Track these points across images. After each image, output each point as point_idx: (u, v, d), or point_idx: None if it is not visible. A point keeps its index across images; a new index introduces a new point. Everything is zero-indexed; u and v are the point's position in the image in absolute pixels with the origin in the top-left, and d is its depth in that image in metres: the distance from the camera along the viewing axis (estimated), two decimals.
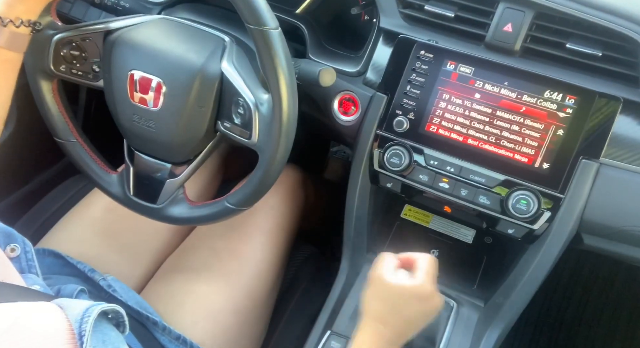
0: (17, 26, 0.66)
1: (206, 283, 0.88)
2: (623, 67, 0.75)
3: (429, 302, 0.69)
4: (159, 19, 0.78)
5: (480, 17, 0.80)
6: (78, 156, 0.85)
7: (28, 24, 0.68)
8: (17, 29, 0.67)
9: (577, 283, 1.51)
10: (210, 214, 0.78)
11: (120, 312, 0.57)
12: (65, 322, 0.51)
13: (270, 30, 0.64)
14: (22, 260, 0.72)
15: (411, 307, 0.68)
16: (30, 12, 0.68)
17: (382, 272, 0.70)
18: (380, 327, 0.68)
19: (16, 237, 0.73)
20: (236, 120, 0.73)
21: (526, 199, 0.77)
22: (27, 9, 0.68)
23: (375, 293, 0.70)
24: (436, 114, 0.81)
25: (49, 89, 0.81)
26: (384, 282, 0.69)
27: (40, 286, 0.68)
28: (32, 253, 0.73)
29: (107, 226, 0.94)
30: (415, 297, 0.68)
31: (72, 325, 0.50)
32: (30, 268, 0.72)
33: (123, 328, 0.59)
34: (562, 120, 0.76)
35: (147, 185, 0.81)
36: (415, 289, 0.68)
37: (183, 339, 0.80)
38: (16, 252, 0.71)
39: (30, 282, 0.68)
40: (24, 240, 0.73)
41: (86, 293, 0.76)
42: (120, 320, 0.58)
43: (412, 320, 0.69)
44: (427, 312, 0.70)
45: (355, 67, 0.88)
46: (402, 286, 0.68)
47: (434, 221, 1.01)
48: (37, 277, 0.72)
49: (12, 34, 0.67)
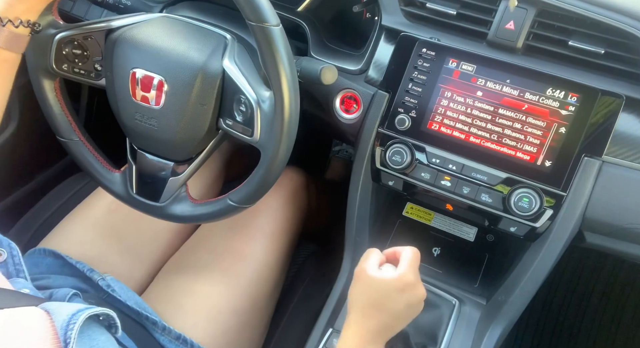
0: (16, 26, 0.66)
1: (207, 284, 0.88)
2: (626, 65, 0.75)
3: (411, 292, 0.68)
4: (161, 17, 0.78)
5: (483, 15, 0.80)
6: (81, 155, 0.85)
7: (27, 25, 0.67)
8: (16, 29, 0.66)
9: (579, 282, 1.51)
10: (213, 212, 0.78)
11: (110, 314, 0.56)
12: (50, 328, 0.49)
13: (271, 27, 0.64)
14: (9, 265, 0.71)
15: (394, 299, 0.68)
16: (29, 12, 0.68)
17: (365, 266, 0.70)
18: (365, 321, 0.68)
19: (2, 241, 0.72)
20: (238, 118, 0.73)
21: (528, 197, 0.77)
22: (26, 9, 0.67)
23: (359, 288, 0.70)
24: (438, 111, 0.81)
25: (51, 88, 0.81)
26: (367, 276, 0.69)
27: (29, 290, 0.67)
28: (19, 258, 0.72)
29: (109, 227, 0.94)
30: (397, 288, 0.68)
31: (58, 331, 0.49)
32: (19, 272, 0.72)
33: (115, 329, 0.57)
34: (564, 118, 0.76)
35: (150, 184, 0.81)
36: (396, 281, 0.67)
37: (183, 339, 0.80)
38: (2, 256, 0.71)
39: (20, 286, 0.67)
40: (10, 244, 0.73)
41: (80, 296, 0.76)
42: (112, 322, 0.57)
43: (397, 312, 0.68)
44: (410, 302, 0.69)
45: (357, 65, 0.88)
46: (383, 279, 0.68)
47: (435, 219, 1.01)
48: (26, 280, 0.71)
49: (11, 34, 0.66)
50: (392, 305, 0.68)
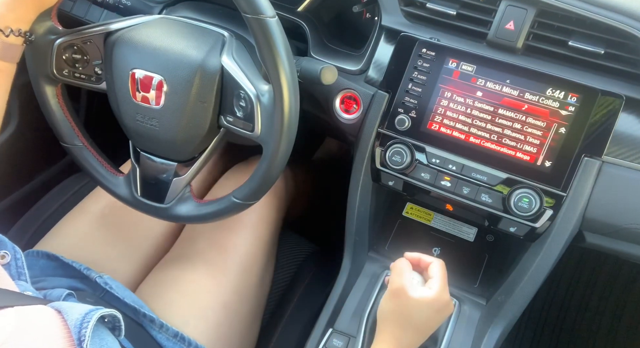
0: (6, 35, 0.65)
1: (192, 281, 0.88)
2: (625, 65, 0.75)
3: (446, 310, 0.74)
4: (159, 19, 0.78)
5: (483, 15, 0.80)
6: (84, 160, 0.85)
7: (18, 34, 0.67)
8: (7, 39, 0.66)
9: (579, 282, 1.51)
10: (218, 210, 0.78)
11: (117, 316, 0.58)
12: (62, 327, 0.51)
13: (267, 19, 0.64)
14: (12, 267, 0.72)
15: (432, 318, 0.73)
16: (20, 21, 0.67)
17: (405, 285, 0.72)
18: (401, 336, 0.72)
19: (6, 243, 0.72)
20: (238, 114, 0.73)
21: (528, 197, 0.77)
22: (16, 18, 0.66)
23: (398, 306, 0.73)
24: (438, 112, 0.81)
25: (53, 94, 0.81)
26: (407, 297, 0.71)
27: (32, 292, 0.68)
28: (22, 261, 0.73)
29: (104, 228, 0.94)
30: (435, 309, 0.72)
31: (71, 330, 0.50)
32: (20, 275, 0.72)
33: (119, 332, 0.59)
34: (564, 118, 0.76)
35: (154, 185, 0.81)
36: (434, 301, 0.72)
37: (181, 336, 0.80)
38: (6, 259, 0.71)
39: (22, 289, 0.67)
40: (14, 247, 0.73)
41: (74, 296, 0.76)
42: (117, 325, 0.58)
43: (428, 329, 0.74)
44: (441, 319, 0.75)
45: (357, 65, 0.88)
46: (424, 300, 0.71)
47: (435, 219, 1.01)
48: (27, 283, 0.72)
49: (3, 44, 0.66)
50: (430, 324, 0.74)
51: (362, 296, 0.89)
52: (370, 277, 0.92)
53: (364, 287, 0.91)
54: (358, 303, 0.88)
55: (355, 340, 0.80)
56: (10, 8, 0.65)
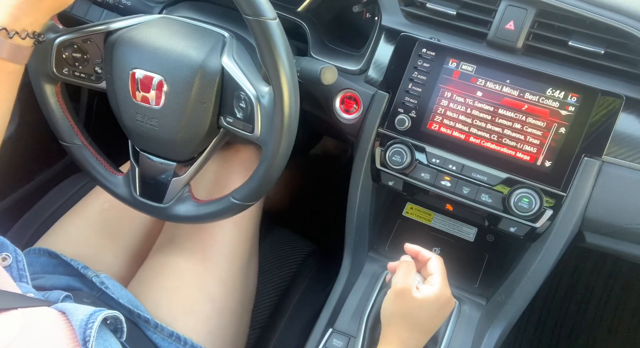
0: (22, 38, 0.66)
1: (176, 276, 0.88)
2: (625, 65, 0.75)
3: (448, 306, 0.75)
4: (160, 18, 0.78)
5: (483, 15, 0.80)
6: (84, 159, 0.85)
7: (32, 36, 0.68)
8: (22, 41, 0.66)
9: (579, 282, 1.51)
10: (217, 211, 0.78)
11: (119, 318, 0.58)
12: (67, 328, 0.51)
13: (268, 21, 0.64)
14: (13, 269, 0.72)
15: (436, 316, 0.74)
16: (35, 24, 0.68)
17: (410, 285, 0.73)
18: (407, 336, 0.72)
19: (8, 246, 0.73)
20: (238, 115, 0.73)
21: (528, 197, 0.77)
22: (33, 21, 0.67)
23: (402, 307, 0.73)
24: (438, 112, 0.81)
25: (53, 93, 0.81)
26: (412, 298, 0.72)
27: (33, 294, 0.68)
28: (23, 263, 0.73)
29: (102, 226, 0.94)
30: (438, 306, 0.73)
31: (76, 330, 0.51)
32: (22, 277, 0.72)
33: (121, 334, 0.59)
34: (564, 118, 0.76)
35: (153, 185, 0.81)
36: (437, 299, 0.72)
37: (177, 336, 0.80)
38: (7, 261, 0.72)
39: (24, 290, 0.67)
40: (16, 249, 0.73)
41: (71, 298, 0.76)
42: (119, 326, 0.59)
43: (433, 326, 0.75)
44: (445, 315, 0.75)
45: (357, 65, 0.88)
46: (427, 299, 0.72)
47: (435, 219, 1.01)
48: (28, 285, 0.72)
49: (15, 46, 0.66)
50: (435, 321, 0.74)
51: (362, 296, 0.89)
52: (370, 276, 0.92)
53: (364, 286, 0.91)
54: (358, 303, 0.88)
55: (355, 340, 0.80)
56: (26, 12, 0.66)
